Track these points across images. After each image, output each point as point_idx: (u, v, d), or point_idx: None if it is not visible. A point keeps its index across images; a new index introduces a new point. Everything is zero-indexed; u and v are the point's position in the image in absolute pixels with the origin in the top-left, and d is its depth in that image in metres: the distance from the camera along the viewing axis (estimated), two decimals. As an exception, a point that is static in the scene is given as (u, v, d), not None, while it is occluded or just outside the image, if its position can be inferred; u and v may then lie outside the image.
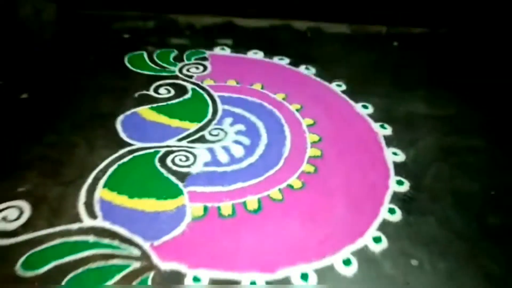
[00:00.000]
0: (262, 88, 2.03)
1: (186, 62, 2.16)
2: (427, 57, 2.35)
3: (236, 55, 2.27)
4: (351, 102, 2.01)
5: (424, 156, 1.72)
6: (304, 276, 1.25)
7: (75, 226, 1.32)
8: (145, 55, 2.19)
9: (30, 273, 1.19)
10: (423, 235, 1.40)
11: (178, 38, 2.37)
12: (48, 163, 1.53)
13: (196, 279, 1.22)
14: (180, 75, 2.07)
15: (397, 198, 1.55)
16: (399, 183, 1.60)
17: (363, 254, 1.33)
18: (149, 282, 1.19)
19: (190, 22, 2.45)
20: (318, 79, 2.15)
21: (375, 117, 1.93)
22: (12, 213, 1.33)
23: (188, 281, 1.21)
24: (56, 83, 1.93)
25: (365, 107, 1.97)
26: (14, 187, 1.43)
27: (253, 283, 1.22)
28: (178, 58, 2.19)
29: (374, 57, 2.35)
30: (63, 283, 1.17)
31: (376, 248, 1.36)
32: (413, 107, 2.02)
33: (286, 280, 1.23)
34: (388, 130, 1.85)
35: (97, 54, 2.14)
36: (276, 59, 2.26)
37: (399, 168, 1.68)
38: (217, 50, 2.29)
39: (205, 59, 2.20)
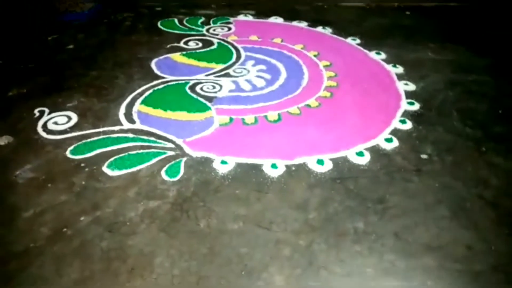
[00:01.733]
0: (282, 41, 2.21)
1: (212, 25, 2.37)
2: (438, 23, 2.47)
3: (258, 19, 2.46)
4: (365, 51, 2.15)
5: (433, 86, 1.84)
6: (320, 161, 1.38)
7: (116, 128, 1.50)
8: (176, 21, 2.41)
9: (77, 156, 1.36)
10: (431, 138, 1.51)
11: (205, 10, 2.59)
12: (93, 88, 1.73)
13: (223, 162, 1.37)
14: (207, 34, 2.27)
15: (408, 113, 1.67)
16: (410, 103, 1.72)
17: (375, 150, 1.45)
18: (182, 164, 1.34)
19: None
20: (334, 36, 2.31)
21: (387, 60, 2.07)
22: (61, 119, 1.53)
23: (216, 164, 1.35)
24: (97, 39, 2.15)
25: (378, 53, 2.12)
26: (63, 103, 1.63)
27: (274, 166, 1.35)
28: (205, 23, 2.41)
29: (387, 21, 2.49)
30: (106, 163, 1.33)
31: (388, 146, 1.47)
32: (422, 54, 2.15)
33: (304, 165, 1.37)
34: (400, 69, 1.99)
35: (133, 21, 2.37)
36: (295, 23, 2.44)
37: (410, 94, 1.80)
38: (241, 17, 2.49)
39: (229, 23, 2.40)
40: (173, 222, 1.13)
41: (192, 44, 2.15)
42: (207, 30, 2.30)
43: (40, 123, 1.51)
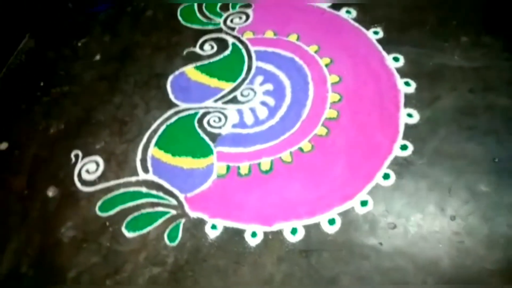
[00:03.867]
0: (297, 39, 2.18)
1: (231, 11, 2.35)
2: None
3: (278, -2, 2.37)
4: (384, 53, 2.07)
5: (440, 115, 1.80)
6: (294, 231, 1.62)
7: (133, 179, 1.83)
8: (196, 7, 2.41)
9: (104, 214, 1.75)
10: (404, 200, 1.63)
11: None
12: (116, 123, 2.01)
13: (213, 226, 1.67)
14: (224, 28, 2.29)
15: (396, 162, 1.75)
16: (403, 148, 1.78)
17: (348, 215, 1.64)
18: (181, 227, 1.68)
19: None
20: (356, 24, 2.20)
21: (402, 70, 2.00)
22: (91, 167, 1.87)
23: (207, 228, 1.67)
24: (120, 44, 2.30)
25: (396, 59, 2.04)
26: (93, 144, 1.95)
27: (253, 234, 1.63)
28: (224, 7, 2.38)
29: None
30: (124, 223, 1.70)
31: (361, 210, 1.64)
32: (447, 57, 2.01)
33: (279, 233, 1.62)
34: (412, 87, 1.94)
35: (154, 8, 2.42)
36: (317, 2, 2.32)
37: (409, 131, 1.82)
38: (262, -6, 2.40)
39: (249, 5, 2.35)
40: (168, 292, 1.54)
41: (207, 48, 2.24)
42: (225, 22, 2.32)
43: (76, 171, 1.88)
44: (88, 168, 1.85)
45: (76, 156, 1.90)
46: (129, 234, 1.66)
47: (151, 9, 2.43)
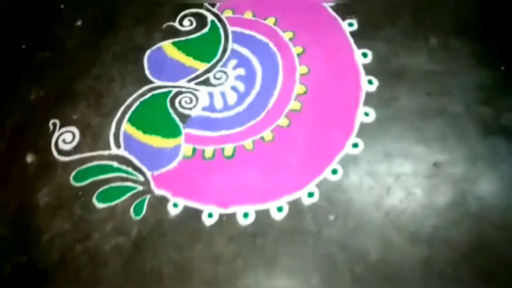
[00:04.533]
0: (274, 23, 2.25)
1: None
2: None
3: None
4: (354, 47, 2.16)
5: (393, 114, 1.93)
6: (246, 215, 1.83)
7: (106, 152, 1.99)
8: (179, -24, 2.42)
9: (77, 184, 1.93)
10: (347, 196, 1.82)
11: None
12: (93, 95, 2.12)
13: (175, 204, 1.87)
14: (205, 4, 2.33)
15: (346, 159, 1.91)
16: (355, 145, 1.93)
17: (295, 204, 1.83)
18: (146, 202, 1.87)
19: None
20: (333, 13, 2.26)
21: (369, 67, 2.09)
22: (68, 137, 2.02)
23: (169, 205, 1.86)
24: (102, 9, 2.35)
25: (364, 55, 2.13)
26: (70, 114, 2.08)
27: (210, 214, 1.84)
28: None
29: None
30: (95, 194, 1.89)
31: (307, 201, 1.83)
32: (413, 58, 2.10)
33: (233, 216, 1.82)
34: (373, 86, 2.05)
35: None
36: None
37: (363, 130, 1.97)
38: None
39: (233, -20, 2.37)
40: (130, 260, 1.77)
41: (186, 24, 2.30)
42: (207, -7, 2.35)
43: (53, 140, 2.04)
44: (65, 138, 2.00)
45: (54, 125, 2.03)
46: (98, 205, 1.85)
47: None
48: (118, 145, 1.98)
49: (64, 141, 1.99)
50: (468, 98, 1.94)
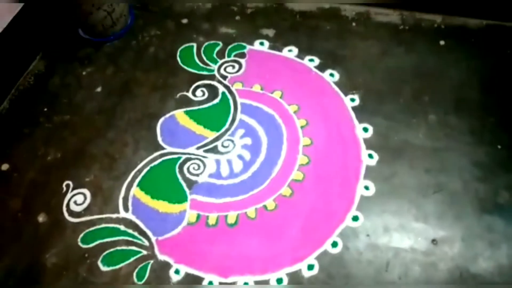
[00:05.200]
0: (281, 97, 2.39)
1: (226, 59, 2.56)
2: (469, 66, 2.37)
3: (271, 52, 2.57)
4: (356, 121, 2.27)
5: (391, 194, 2.01)
6: (245, 284, 1.86)
7: (114, 215, 2.06)
8: (194, 48, 2.62)
9: (84, 246, 2.00)
10: (351, 270, 1.86)
11: (226, 27, 2.70)
12: (107, 158, 2.24)
13: (177, 271, 1.91)
14: (217, 75, 2.50)
15: (346, 231, 1.97)
16: (355, 218, 1.99)
17: (294, 277, 1.87)
18: (149, 267, 1.92)
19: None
20: (336, 88, 2.40)
21: (370, 142, 2.20)
22: (79, 198, 2.11)
23: (171, 272, 1.90)
24: (120, 79, 2.52)
25: (365, 130, 2.24)
26: (83, 176, 2.19)
27: (210, 283, 1.87)
28: (221, 54, 2.59)
29: (408, 64, 2.42)
30: (101, 256, 1.95)
31: (307, 274, 1.87)
32: (412, 134, 2.21)
33: (233, 285, 1.86)
34: (373, 161, 2.14)
35: (157, 45, 2.63)
36: (306, 59, 2.51)
37: (363, 203, 2.04)
38: (256, 45, 2.61)
39: (243, 55, 2.56)
40: (130, 327, 1.79)
41: (199, 94, 2.45)
42: (218, 70, 2.53)
43: (65, 201, 2.12)
44: (76, 199, 2.09)
45: (67, 186, 2.13)
46: (103, 268, 1.91)
47: (154, 46, 2.63)
48: (126, 209, 2.06)
49: (75, 202, 2.09)
50: (466, 176, 2.02)
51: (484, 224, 1.89)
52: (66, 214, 2.05)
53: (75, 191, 2.11)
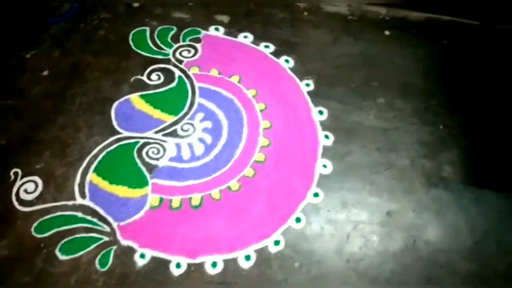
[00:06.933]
0: (239, 81, 2.40)
1: (181, 43, 2.52)
2: (413, 55, 2.54)
3: (226, 37, 2.57)
4: (311, 106, 2.35)
5: (347, 171, 2.12)
6: (214, 264, 1.86)
7: (70, 203, 1.96)
8: (148, 32, 2.55)
9: (39, 235, 1.88)
10: (309, 246, 1.93)
11: (180, 12, 2.66)
12: (58, 143, 2.12)
13: (142, 255, 1.87)
14: (172, 59, 2.45)
15: (308, 207, 2.04)
16: (315, 195, 2.07)
17: (262, 253, 1.90)
18: (112, 253, 1.85)
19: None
20: (292, 74, 2.46)
21: (325, 124, 2.29)
22: (30, 186, 1.98)
23: (136, 256, 1.86)
24: (70, 62, 2.39)
25: (320, 112, 2.32)
26: (33, 163, 2.05)
27: (178, 265, 1.85)
28: (175, 38, 2.54)
29: (356, 51, 2.54)
30: (59, 245, 1.85)
31: (274, 249, 1.92)
32: (363, 117, 2.33)
33: (201, 266, 1.85)
34: (330, 141, 2.23)
35: (107, 28, 2.53)
36: (262, 46, 2.55)
37: (322, 181, 2.12)
38: (212, 30, 2.60)
39: (198, 40, 2.53)
40: (94, 314, 1.72)
41: (154, 78, 2.39)
42: (174, 53, 2.48)
43: (14, 189, 1.98)
44: (27, 187, 1.96)
45: (16, 174, 1.99)
46: (62, 257, 1.81)
47: (103, 29, 2.53)
48: (83, 196, 1.97)
49: (26, 191, 1.96)
50: (413, 153, 2.18)
51: (431, 196, 2.06)
52: (16, 204, 1.91)
53: (25, 179, 1.98)
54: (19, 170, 2.00)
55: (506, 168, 2.12)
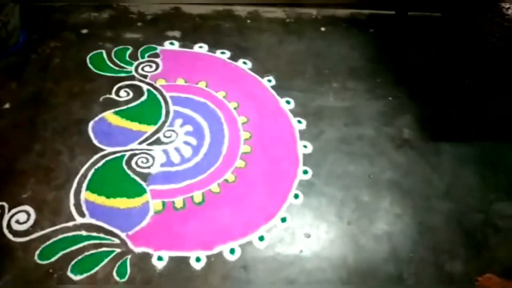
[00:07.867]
0: (206, 86, 2.51)
1: (140, 60, 2.57)
2: (349, 45, 2.87)
3: (183, 50, 2.68)
4: (277, 97, 2.54)
5: (325, 148, 2.32)
6: (232, 251, 1.91)
7: (70, 224, 1.89)
8: (104, 54, 2.57)
9: (45, 262, 1.78)
10: (316, 213, 2.07)
11: (131, 32, 2.72)
12: (41, 170, 2.03)
13: (159, 258, 1.86)
14: (136, 75, 2.49)
15: (302, 184, 2.19)
16: (305, 172, 2.23)
17: (272, 231, 2.00)
18: (128, 263, 1.81)
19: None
20: (253, 74, 2.64)
21: (295, 111, 2.49)
22: (22, 217, 1.88)
23: (154, 260, 1.84)
24: (30, 91, 2.32)
25: (288, 102, 2.52)
26: (19, 193, 1.94)
27: (197, 259, 1.87)
28: (133, 56, 2.59)
29: (303, 47, 2.80)
30: (69, 267, 1.77)
31: (283, 226, 2.02)
32: (325, 99, 2.58)
33: (220, 255, 1.89)
34: (303, 125, 2.43)
35: (61, 55, 2.50)
36: (218, 53, 2.70)
37: (307, 159, 2.29)
38: (167, 45, 2.69)
39: (157, 55, 2.61)
40: (127, 324, 1.66)
41: (123, 95, 2.41)
42: (136, 69, 2.52)
43: (4, 223, 1.85)
44: (18, 218, 1.86)
45: (2, 208, 1.88)
46: (76, 277, 1.74)
47: (58, 58, 2.50)
48: (82, 214, 1.92)
49: (18, 221, 1.86)
50: (375, 123, 2.47)
51: (400, 155, 2.35)
52: (10, 236, 1.81)
53: (14, 210, 1.88)
54: (4, 203, 1.89)
55: (452, 122, 2.50)
